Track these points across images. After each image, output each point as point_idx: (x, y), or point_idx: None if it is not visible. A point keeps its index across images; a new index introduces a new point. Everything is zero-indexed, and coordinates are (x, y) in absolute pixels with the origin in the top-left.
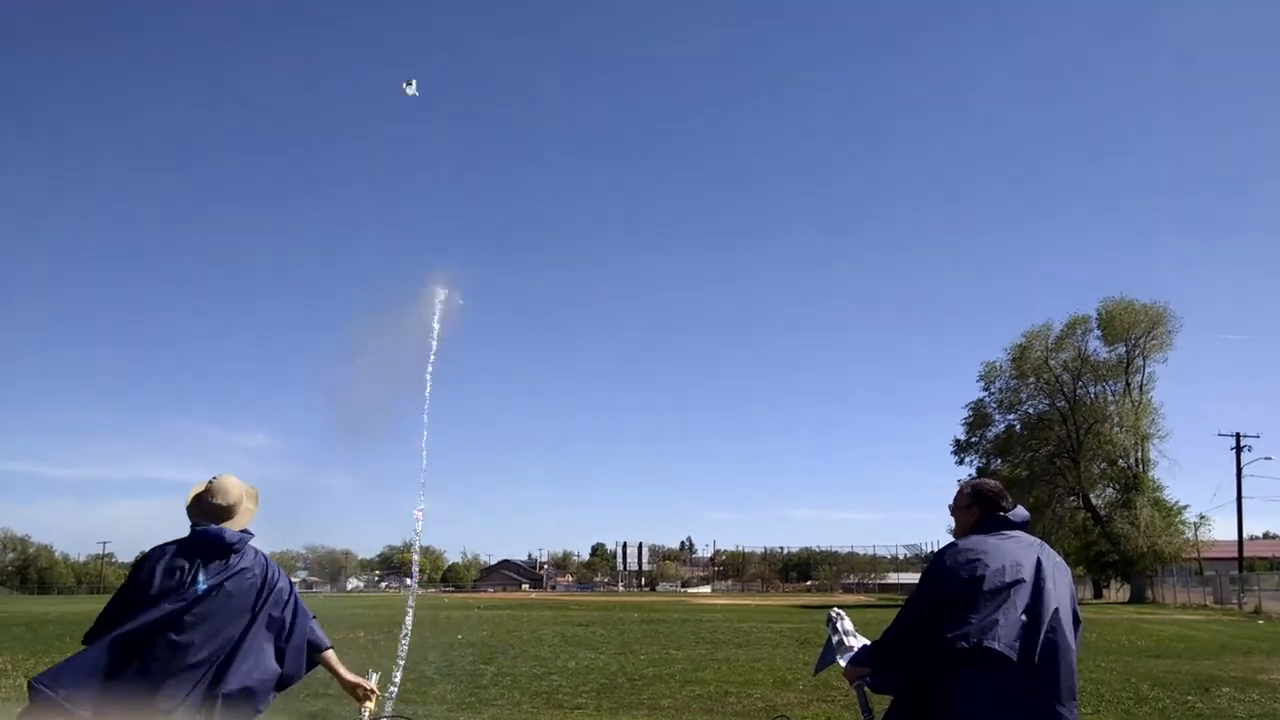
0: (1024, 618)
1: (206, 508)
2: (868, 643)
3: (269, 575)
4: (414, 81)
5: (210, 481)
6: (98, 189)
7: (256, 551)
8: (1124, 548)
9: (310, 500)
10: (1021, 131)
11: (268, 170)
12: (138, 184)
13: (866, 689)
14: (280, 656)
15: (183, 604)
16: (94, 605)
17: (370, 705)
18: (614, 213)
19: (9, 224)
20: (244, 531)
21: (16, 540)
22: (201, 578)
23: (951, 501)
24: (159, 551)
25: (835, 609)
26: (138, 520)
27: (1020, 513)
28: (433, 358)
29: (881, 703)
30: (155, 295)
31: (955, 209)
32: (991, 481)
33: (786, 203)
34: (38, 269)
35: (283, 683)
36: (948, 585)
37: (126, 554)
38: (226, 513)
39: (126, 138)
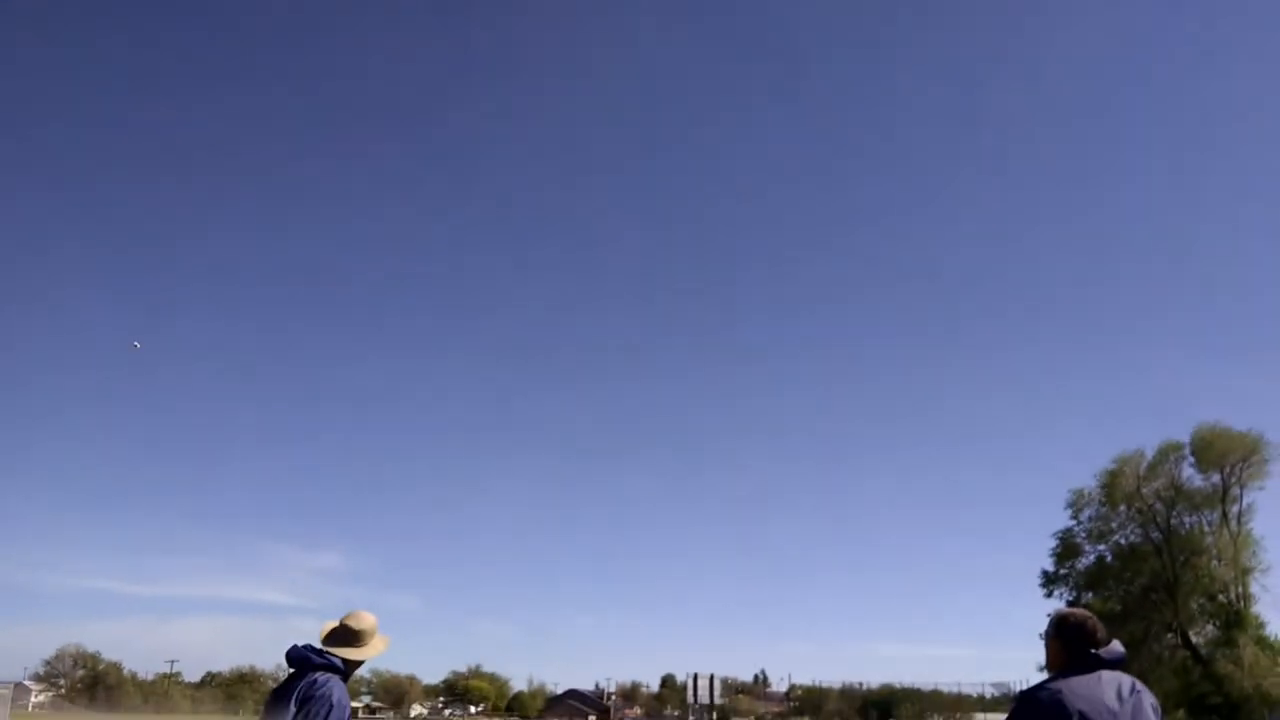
0: None
1: (338, 633)
2: None
3: (318, 695)
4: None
5: (353, 611)
6: (164, 309)
7: (332, 680)
8: (1227, 689)
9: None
10: (1120, 257)
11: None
12: (204, 305)
13: None
14: None
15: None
16: None
17: None
18: (682, 333)
19: (82, 342)
20: (334, 657)
21: (88, 657)
22: (293, 700)
23: (1043, 631)
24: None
25: None
26: (205, 639)
27: (1115, 649)
28: None
29: None
30: (225, 411)
31: (1041, 331)
32: (1080, 611)
33: (871, 322)
34: (106, 384)
35: None
36: None
37: (193, 673)
38: (356, 638)
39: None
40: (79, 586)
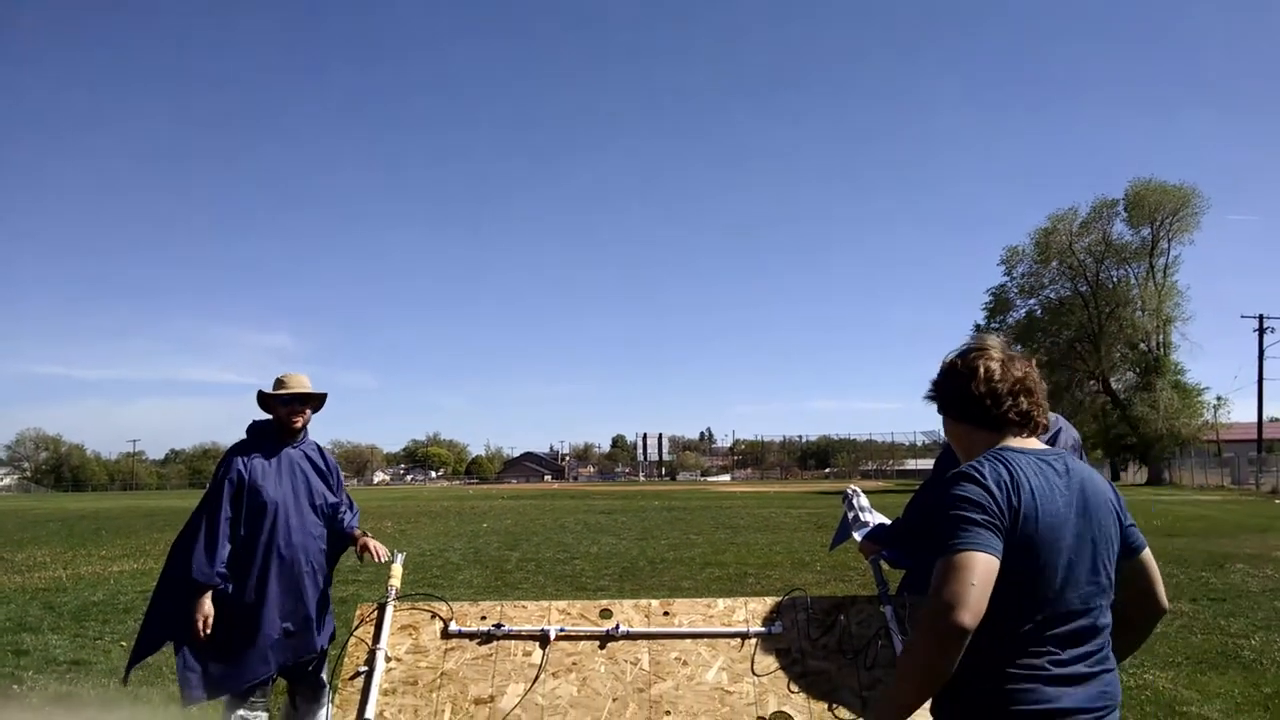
0: None
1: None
2: (885, 520)
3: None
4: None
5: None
6: (119, 97)
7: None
8: (1143, 430)
9: (336, 397)
10: (1045, 19)
11: (281, 78)
12: (154, 87)
13: (883, 563)
14: None
15: None
16: (127, 500)
17: (396, 584)
18: (635, 113)
19: (40, 131)
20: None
21: (49, 440)
22: None
23: None
24: None
25: (851, 486)
26: (165, 419)
27: None
28: None
29: (898, 579)
30: (175, 197)
31: (977, 96)
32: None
33: (804, 93)
34: (62, 174)
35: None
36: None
37: (155, 451)
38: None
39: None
40: (30, 372)
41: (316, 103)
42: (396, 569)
